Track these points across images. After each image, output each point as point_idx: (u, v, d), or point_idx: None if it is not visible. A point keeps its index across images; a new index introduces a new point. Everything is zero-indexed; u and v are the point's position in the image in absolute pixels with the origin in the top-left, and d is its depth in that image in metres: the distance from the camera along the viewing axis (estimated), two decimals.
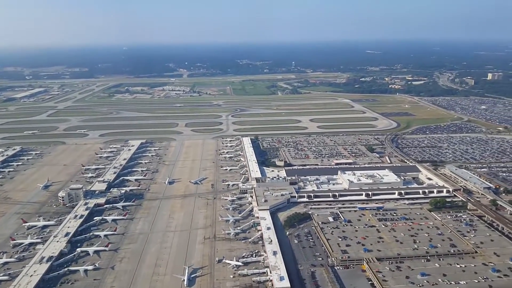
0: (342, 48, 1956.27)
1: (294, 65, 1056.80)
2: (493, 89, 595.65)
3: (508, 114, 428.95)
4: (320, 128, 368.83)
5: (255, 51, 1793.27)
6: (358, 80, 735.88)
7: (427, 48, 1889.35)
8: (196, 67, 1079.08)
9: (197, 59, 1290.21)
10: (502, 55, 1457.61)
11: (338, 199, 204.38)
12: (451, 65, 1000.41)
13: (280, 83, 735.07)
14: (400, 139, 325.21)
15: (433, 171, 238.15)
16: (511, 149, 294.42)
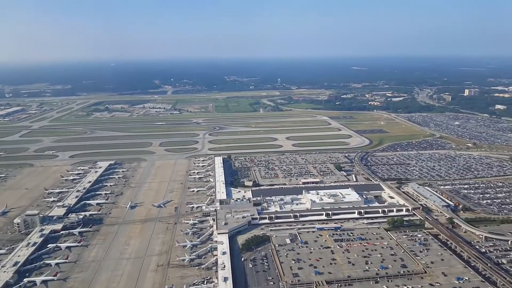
0: (329, 64, 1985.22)
1: (280, 82, 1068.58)
2: (469, 105, 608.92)
3: (479, 130, 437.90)
4: (295, 146, 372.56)
5: (244, 67, 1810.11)
6: (339, 97, 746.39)
7: (413, 64, 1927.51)
8: (181, 84, 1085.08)
9: (184, 75, 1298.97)
10: (482, 70, 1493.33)
11: (299, 220, 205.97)
12: (432, 81, 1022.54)
13: (264, 100, 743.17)
14: (370, 157, 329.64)
15: (396, 189, 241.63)
16: (477, 165, 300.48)
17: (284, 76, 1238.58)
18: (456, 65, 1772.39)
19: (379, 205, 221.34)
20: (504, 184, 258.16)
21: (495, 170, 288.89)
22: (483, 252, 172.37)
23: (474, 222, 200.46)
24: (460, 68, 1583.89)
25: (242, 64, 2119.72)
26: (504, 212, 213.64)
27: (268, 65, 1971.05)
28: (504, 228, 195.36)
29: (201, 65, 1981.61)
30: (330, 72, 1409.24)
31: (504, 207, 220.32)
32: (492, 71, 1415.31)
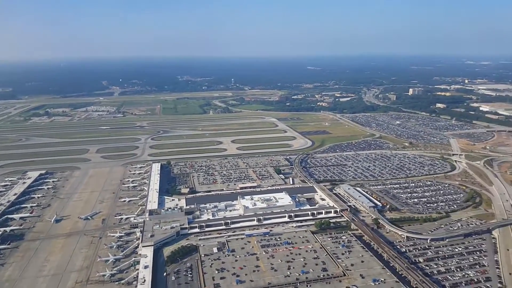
0: (286, 64, 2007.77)
1: (234, 82, 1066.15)
2: (411, 104, 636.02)
3: (418, 129, 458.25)
4: (239, 149, 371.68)
5: (200, 66, 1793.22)
6: (290, 98, 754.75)
7: (365, 63, 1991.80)
8: (130, 84, 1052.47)
9: (134, 75, 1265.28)
10: (430, 69, 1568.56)
11: (230, 227, 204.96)
12: (380, 80, 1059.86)
13: (215, 101, 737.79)
14: (310, 159, 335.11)
15: (328, 191, 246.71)
16: (410, 165, 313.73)
17: (239, 76, 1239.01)
18: (406, 64, 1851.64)
19: (309, 207, 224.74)
20: (433, 183, 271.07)
21: (426, 169, 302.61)
22: (403, 252, 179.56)
23: (398, 222, 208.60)
24: (410, 67, 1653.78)
25: (199, 63, 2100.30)
26: (428, 211, 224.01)
27: (225, 65, 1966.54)
28: (426, 226, 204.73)
29: (154, 65, 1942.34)
30: (285, 72, 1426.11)
31: (429, 206, 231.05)
32: (440, 70, 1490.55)
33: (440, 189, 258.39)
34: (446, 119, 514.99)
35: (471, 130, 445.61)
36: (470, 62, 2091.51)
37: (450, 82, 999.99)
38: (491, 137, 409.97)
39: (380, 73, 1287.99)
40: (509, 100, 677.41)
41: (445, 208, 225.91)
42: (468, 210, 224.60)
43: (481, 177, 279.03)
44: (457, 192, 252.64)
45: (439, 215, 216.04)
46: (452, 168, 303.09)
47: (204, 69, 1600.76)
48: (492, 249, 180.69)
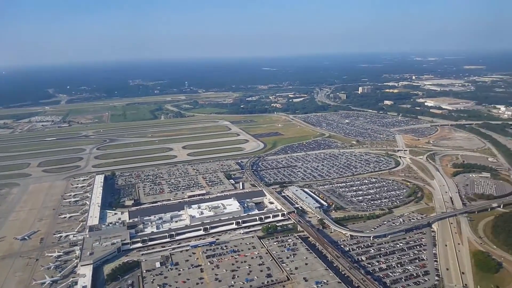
0: (241, 65, 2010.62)
1: (187, 85, 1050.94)
2: (361, 102, 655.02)
3: (365, 126, 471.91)
4: (189, 155, 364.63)
5: (153, 70, 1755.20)
6: (244, 100, 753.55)
7: (319, 62, 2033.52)
8: (79, 91, 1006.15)
9: (83, 81, 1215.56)
10: (380, 67, 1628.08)
11: (175, 239, 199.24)
12: (332, 79, 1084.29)
13: (168, 106, 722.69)
14: (262, 161, 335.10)
15: (276, 194, 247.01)
16: (356, 162, 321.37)
17: (193, 78, 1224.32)
18: (358, 62, 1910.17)
19: (257, 212, 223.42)
20: (377, 180, 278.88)
21: (372, 166, 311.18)
22: (346, 251, 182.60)
23: (343, 221, 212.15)
24: (360, 65, 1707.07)
25: (153, 66, 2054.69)
26: (372, 208, 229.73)
27: (179, 67, 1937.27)
28: (369, 224, 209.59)
29: (105, 69, 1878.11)
30: (240, 73, 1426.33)
31: (373, 203, 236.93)
32: (389, 67, 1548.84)
33: (384, 185, 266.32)
34: (393, 116, 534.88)
35: (416, 125, 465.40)
36: (418, 58, 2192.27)
37: (398, 79, 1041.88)
38: (434, 131, 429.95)
39: (333, 73, 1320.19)
40: (452, 94, 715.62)
41: (388, 205, 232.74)
42: (410, 205, 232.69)
43: (423, 172, 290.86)
44: (400, 187, 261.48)
45: (382, 212, 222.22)
46: (396, 164, 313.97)
47: (157, 72, 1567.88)
48: (431, 243, 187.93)
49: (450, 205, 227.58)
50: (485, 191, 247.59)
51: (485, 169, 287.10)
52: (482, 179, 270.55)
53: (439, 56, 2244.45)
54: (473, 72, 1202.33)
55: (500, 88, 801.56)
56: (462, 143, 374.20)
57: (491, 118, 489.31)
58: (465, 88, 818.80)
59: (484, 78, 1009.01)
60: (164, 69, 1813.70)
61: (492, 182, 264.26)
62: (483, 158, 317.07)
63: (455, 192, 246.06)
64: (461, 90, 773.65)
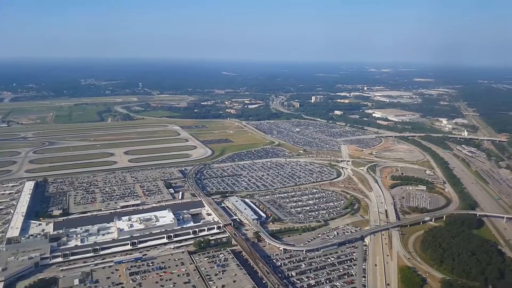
0: (201, 68, 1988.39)
1: (141, 86, 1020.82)
2: (313, 111, 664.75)
3: (314, 136, 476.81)
4: (131, 162, 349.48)
5: (110, 69, 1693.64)
6: (199, 104, 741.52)
7: (278, 69, 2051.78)
8: (25, 89, 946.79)
9: (31, 79, 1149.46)
10: (335, 76, 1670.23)
11: (100, 254, 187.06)
12: (289, 87, 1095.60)
13: (117, 107, 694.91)
14: (207, 170, 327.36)
15: (215, 205, 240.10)
16: (300, 172, 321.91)
17: (149, 80, 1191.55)
18: (315, 71, 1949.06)
19: (192, 225, 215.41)
20: (318, 190, 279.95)
21: (314, 176, 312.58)
22: (278, 266, 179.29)
23: (279, 234, 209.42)
24: (317, 74, 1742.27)
25: (111, 65, 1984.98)
26: (309, 219, 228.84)
27: (137, 67, 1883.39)
28: (304, 237, 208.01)
29: (59, 67, 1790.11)
30: (199, 76, 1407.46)
31: (311, 214, 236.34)
32: (344, 77, 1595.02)
33: (324, 196, 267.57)
34: (341, 126, 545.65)
35: (362, 136, 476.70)
36: (373, 69, 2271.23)
37: (351, 89, 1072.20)
38: (378, 142, 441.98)
39: (290, 80, 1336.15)
40: (400, 106, 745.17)
41: (325, 216, 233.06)
42: (346, 218, 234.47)
43: (362, 183, 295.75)
44: (338, 199, 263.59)
45: (318, 224, 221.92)
46: (338, 175, 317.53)
47: (114, 72, 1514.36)
48: (362, 257, 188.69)
49: (385, 218, 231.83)
50: (420, 204, 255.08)
51: (422, 182, 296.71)
52: (418, 192, 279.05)
53: (393, 68, 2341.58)
54: (422, 84, 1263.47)
55: (445, 101, 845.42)
56: (403, 155, 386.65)
57: (434, 130, 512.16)
58: (413, 100, 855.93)
59: (431, 91, 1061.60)
60: (122, 68, 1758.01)
61: (427, 195, 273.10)
62: (421, 171, 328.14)
63: (391, 205, 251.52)
64: (409, 102, 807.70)
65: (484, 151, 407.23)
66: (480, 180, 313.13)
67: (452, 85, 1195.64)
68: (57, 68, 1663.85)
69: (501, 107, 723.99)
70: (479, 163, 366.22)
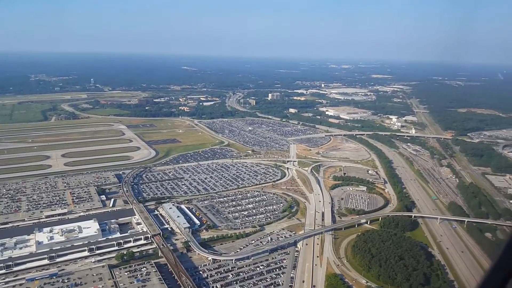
0: (160, 62, 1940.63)
1: (93, 82, 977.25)
2: (268, 109, 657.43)
3: (266, 135, 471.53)
4: (66, 165, 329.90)
5: (65, 64, 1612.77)
6: (151, 101, 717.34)
7: (240, 65, 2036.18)
8: None
9: None
10: (296, 73, 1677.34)
11: (13, 270, 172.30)
12: (248, 84, 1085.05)
13: (64, 105, 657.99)
14: (147, 173, 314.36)
15: (146, 213, 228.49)
16: (245, 174, 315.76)
17: (102, 75, 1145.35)
18: (277, 67, 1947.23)
19: (118, 236, 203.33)
20: (259, 193, 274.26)
21: (259, 178, 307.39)
22: (204, 278, 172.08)
23: (211, 242, 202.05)
24: (278, 70, 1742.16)
25: (68, 59, 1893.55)
26: (245, 225, 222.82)
27: (97, 61, 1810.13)
28: (237, 244, 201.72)
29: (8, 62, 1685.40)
30: (157, 71, 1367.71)
31: (248, 219, 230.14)
32: (304, 73, 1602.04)
33: (264, 199, 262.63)
34: (293, 124, 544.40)
35: (312, 135, 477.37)
36: (333, 66, 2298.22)
37: (309, 86, 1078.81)
38: (327, 141, 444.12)
39: (250, 76, 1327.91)
40: (354, 103, 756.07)
41: (262, 221, 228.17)
42: (283, 221, 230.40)
43: (305, 184, 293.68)
44: (278, 202, 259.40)
45: (253, 230, 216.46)
46: (282, 176, 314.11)
47: (68, 67, 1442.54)
48: (291, 265, 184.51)
49: (320, 221, 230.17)
50: (358, 206, 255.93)
51: (363, 182, 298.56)
52: (358, 193, 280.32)
53: (353, 64, 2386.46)
54: (379, 81, 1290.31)
55: (398, 98, 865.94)
56: (350, 154, 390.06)
57: (383, 128, 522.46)
58: (367, 97, 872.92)
59: (387, 87, 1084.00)
60: (80, 63, 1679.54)
61: (366, 196, 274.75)
62: (364, 171, 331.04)
63: (328, 207, 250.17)
64: (363, 100, 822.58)
65: (429, 149, 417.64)
66: (421, 180, 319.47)
67: (408, 82, 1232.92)
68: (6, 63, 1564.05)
69: (451, 104, 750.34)
70: (422, 161, 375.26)
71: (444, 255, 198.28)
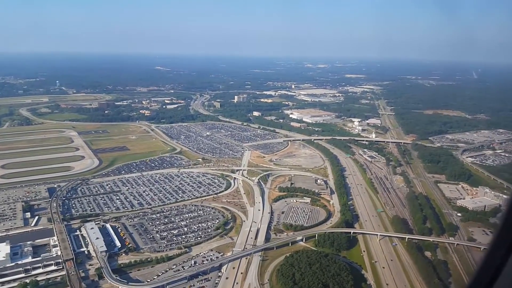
0: (133, 63, 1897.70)
1: (59, 85, 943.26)
2: (231, 112, 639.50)
3: (223, 140, 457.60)
4: (3, 177, 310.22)
5: (37, 64, 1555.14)
6: (112, 104, 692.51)
7: (214, 64, 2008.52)
8: None
9: None
10: (270, 73, 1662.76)
11: None
12: (217, 85, 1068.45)
13: (22, 110, 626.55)
14: (84, 186, 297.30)
15: (65, 234, 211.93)
16: (187, 186, 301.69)
17: (71, 76, 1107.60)
18: (252, 67, 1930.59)
19: (28, 261, 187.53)
20: (197, 208, 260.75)
21: (201, 190, 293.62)
22: None
23: (128, 267, 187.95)
24: (253, 70, 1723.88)
25: (42, 60, 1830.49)
26: (171, 246, 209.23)
27: (70, 62, 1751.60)
28: (157, 269, 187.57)
29: None
30: (126, 72, 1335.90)
31: (176, 239, 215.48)
32: (278, 73, 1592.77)
33: (201, 215, 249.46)
34: (254, 129, 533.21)
35: (270, 140, 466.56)
36: (309, 65, 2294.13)
37: (279, 87, 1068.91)
38: (284, 147, 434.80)
39: (223, 77, 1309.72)
40: (320, 105, 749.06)
41: (191, 241, 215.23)
42: (214, 241, 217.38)
43: (248, 196, 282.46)
44: (215, 217, 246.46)
45: (178, 252, 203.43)
46: (227, 187, 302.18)
47: (35, 68, 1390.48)
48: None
49: (253, 240, 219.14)
50: (298, 220, 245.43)
51: (308, 193, 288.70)
52: (301, 205, 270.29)
53: (329, 63, 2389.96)
54: (352, 81, 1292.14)
55: (367, 99, 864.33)
56: (304, 161, 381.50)
57: (343, 133, 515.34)
58: (336, 99, 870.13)
59: (357, 88, 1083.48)
60: (49, 64, 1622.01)
61: (308, 209, 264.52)
62: (312, 180, 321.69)
63: (266, 223, 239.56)
64: (330, 101, 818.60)
65: (386, 155, 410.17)
66: (371, 189, 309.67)
67: (380, 82, 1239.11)
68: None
69: (418, 106, 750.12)
70: (377, 169, 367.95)
71: (377, 278, 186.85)
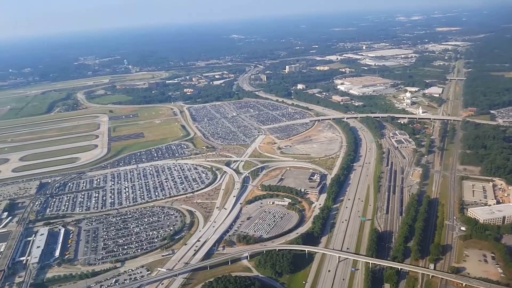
0: (214, 32, 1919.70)
1: (126, 63, 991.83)
2: (273, 87, 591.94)
3: (244, 122, 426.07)
4: (14, 171, 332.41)
5: (119, 41, 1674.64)
6: (162, 83, 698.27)
7: (295, 26, 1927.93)
8: (22, 75, 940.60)
9: (30, 62, 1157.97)
10: (352, 30, 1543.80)
11: None
12: (279, 52, 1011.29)
13: (79, 93, 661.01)
14: (74, 181, 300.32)
15: (14, 240, 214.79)
16: (171, 182, 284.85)
17: (144, 54, 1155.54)
18: (334, 25, 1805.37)
19: None
20: (162, 210, 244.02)
21: (183, 186, 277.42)
22: None
23: (53, 282, 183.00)
24: (333, 29, 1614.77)
25: (124, 37, 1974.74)
26: (106, 259, 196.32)
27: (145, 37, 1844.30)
28: (78, 285, 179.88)
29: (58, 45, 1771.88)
30: (202, 43, 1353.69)
31: (116, 251, 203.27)
32: (358, 31, 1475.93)
33: (160, 220, 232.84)
34: (287, 106, 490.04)
35: (297, 120, 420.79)
36: (402, 18, 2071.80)
37: (348, 49, 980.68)
38: (304, 129, 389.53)
39: (293, 41, 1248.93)
40: (381, 71, 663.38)
41: (130, 253, 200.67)
42: (153, 254, 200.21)
43: (224, 196, 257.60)
44: (172, 223, 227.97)
45: (108, 266, 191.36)
46: (211, 183, 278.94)
47: (118, 45, 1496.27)
48: None
49: (191, 257, 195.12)
50: (260, 229, 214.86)
51: (293, 192, 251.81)
52: (275, 209, 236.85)
53: (426, 14, 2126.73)
54: (441, 36, 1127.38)
55: (443, 60, 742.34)
56: (317, 148, 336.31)
57: (387, 107, 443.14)
58: (406, 61, 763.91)
59: (439, 45, 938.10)
60: (132, 40, 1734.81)
61: (280, 214, 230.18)
62: (307, 174, 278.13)
63: (220, 232, 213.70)
64: (397, 65, 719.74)
65: (420, 138, 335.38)
66: (374, 188, 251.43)
67: (474, 35, 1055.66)
68: (56, 48, 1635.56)
69: (504, 67, 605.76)
70: (399, 158, 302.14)
71: None
